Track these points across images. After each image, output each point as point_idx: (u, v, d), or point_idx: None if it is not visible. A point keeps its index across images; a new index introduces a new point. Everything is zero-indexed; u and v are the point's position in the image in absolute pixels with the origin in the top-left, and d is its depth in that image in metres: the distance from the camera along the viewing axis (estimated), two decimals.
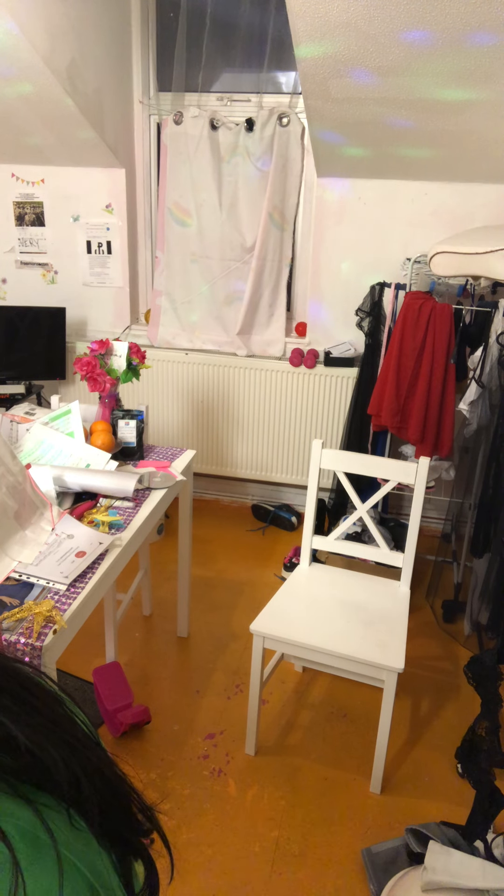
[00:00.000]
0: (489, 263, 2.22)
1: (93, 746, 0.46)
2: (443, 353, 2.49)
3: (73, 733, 0.45)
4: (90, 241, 3.31)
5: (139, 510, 1.83)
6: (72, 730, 0.45)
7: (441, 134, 2.46)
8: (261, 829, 1.78)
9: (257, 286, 3.18)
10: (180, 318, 3.35)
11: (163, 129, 3.11)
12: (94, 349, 2.09)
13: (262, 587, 2.87)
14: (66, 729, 0.45)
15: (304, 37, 2.05)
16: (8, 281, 3.49)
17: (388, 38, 1.99)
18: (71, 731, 0.45)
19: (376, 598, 2.04)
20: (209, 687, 2.27)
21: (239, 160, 3.04)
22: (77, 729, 0.46)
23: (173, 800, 1.85)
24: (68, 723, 0.46)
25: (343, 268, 3.07)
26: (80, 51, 2.59)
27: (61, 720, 0.45)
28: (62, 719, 0.45)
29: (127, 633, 2.54)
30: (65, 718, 0.46)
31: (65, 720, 0.46)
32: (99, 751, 0.47)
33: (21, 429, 2.03)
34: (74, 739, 0.44)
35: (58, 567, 1.49)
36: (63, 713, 0.46)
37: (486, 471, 2.39)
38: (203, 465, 3.46)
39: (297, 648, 1.83)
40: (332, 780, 1.94)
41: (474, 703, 2.22)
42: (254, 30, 2.92)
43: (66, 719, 0.46)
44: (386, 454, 2.96)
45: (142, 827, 0.48)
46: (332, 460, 2.10)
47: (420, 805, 1.88)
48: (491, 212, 2.81)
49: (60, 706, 0.47)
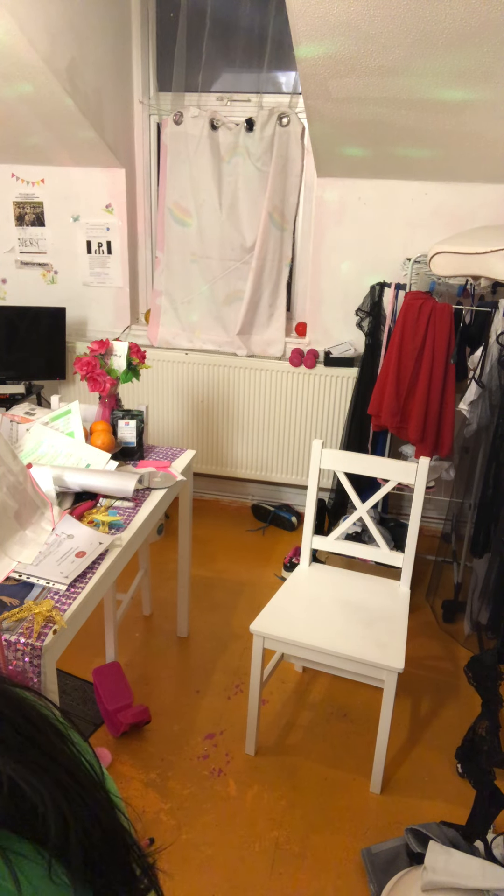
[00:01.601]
0: (489, 263, 2.22)
1: (93, 789, 0.42)
2: (443, 353, 2.49)
3: (73, 773, 0.41)
4: (90, 241, 3.31)
5: (139, 510, 1.83)
6: (71, 769, 0.41)
7: (441, 134, 2.46)
8: (261, 829, 1.78)
9: (257, 286, 3.18)
10: (180, 318, 3.35)
11: (163, 129, 3.11)
12: (94, 349, 2.09)
13: (262, 587, 2.87)
14: (65, 767, 0.41)
15: (304, 37, 2.05)
16: (8, 281, 3.49)
17: (388, 38, 1.99)
18: (70, 771, 0.41)
19: (376, 598, 2.04)
20: (209, 687, 2.27)
21: (239, 160, 3.04)
22: (79, 769, 0.42)
23: (173, 800, 1.85)
24: (69, 761, 0.42)
25: (343, 268, 3.07)
26: (80, 51, 2.59)
27: (61, 757, 0.41)
28: (62, 757, 0.42)
29: (127, 633, 2.54)
30: (65, 756, 0.42)
31: (65, 758, 0.42)
32: (100, 794, 0.43)
33: (21, 429, 2.03)
34: (71, 780, 0.40)
35: (58, 567, 1.49)
36: (64, 750, 0.42)
37: (486, 471, 2.39)
38: (203, 465, 3.46)
39: (297, 648, 1.83)
40: (332, 780, 1.94)
41: (474, 703, 2.22)
42: (254, 30, 2.92)
43: (66, 757, 0.42)
44: (386, 454, 2.96)
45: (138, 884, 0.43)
46: (332, 460, 2.10)
47: (420, 805, 1.87)
48: (491, 212, 2.81)
49: (63, 743, 0.43)
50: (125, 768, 1.94)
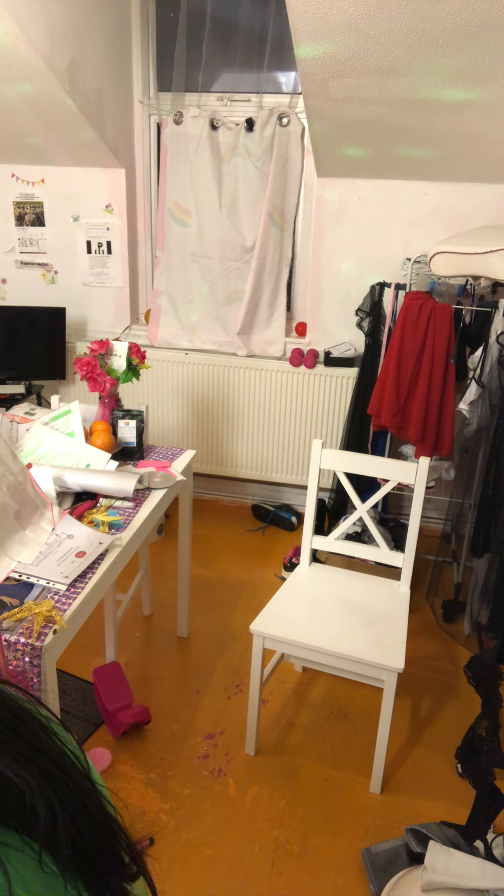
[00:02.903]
0: (489, 263, 2.22)
1: (80, 778, 0.43)
2: (443, 353, 2.49)
3: (58, 763, 0.42)
4: (90, 241, 3.31)
5: (139, 510, 1.83)
6: (56, 759, 0.42)
7: (441, 134, 2.46)
8: (261, 829, 1.78)
9: (257, 286, 3.18)
10: (180, 318, 3.35)
11: (163, 129, 3.11)
12: (94, 349, 2.09)
13: (262, 587, 2.87)
14: (51, 758, 0.41)
15: (304, 37, 2.05)
16: (8, 281, 3.49)
17: (388, 38, 1.99)
18: (55, 761, 0.42)
19: (376, 598, 2.04)
20: (209, 687, 2.27)
21: (239, 160, 3.04)
22: (64, 759, 0.43)
23: (173, 800, 1.85)
24: (54, 752, 0.43)
25: (343, 268, 3.07)
26: (80, 51, 2.59)
27: (46, 748, 0.42)
28: (47, 747, 0.42)
29: (127, 633, 2.54)
30: (49, 747, 0.43)
31: (49, 749, 0.43)
32: (86, 783, 0.44)
33: (21, 429, 2.03)
34: (58, 769, 0.41)
35: (58, 567, 1.49)
36: (49, 742, 0.43)
37: (486, 471, 2.39)
38: (203, 465, 3.46)
39: (297, 648, 1.83)
40: (332, 780, 1.94)
41: (474, 703, 2.22)
42: (254, 30, 2.92)
43: (51, 748, 0.43)
44: (386, 454, 2.96)
45: (127, 871, 0.44)
46: (332, 460, 2.10)
47: (420, 805, 1.87)
48: (491, 212, 2.81)
49: (48, 735, 0.44)
50: (125, 768, 1.94)
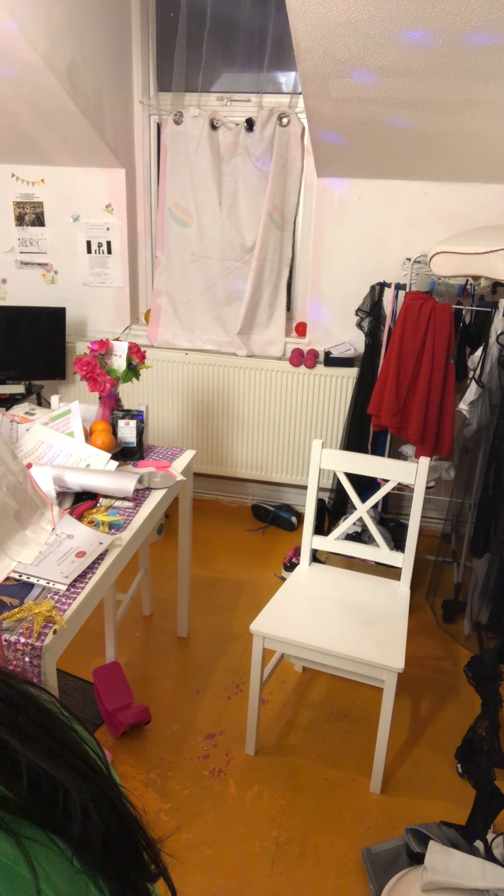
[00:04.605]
0: (489, 263, 2.22)
1: (104, 776, 0.44)
2: (443, 353, 2.49)
3: (86, 761, 0.42)
4: (90, 241, 3.31)
5: (139, 510, 1.83)
6: (84, 757, 0.43)
7: (441, 134, 2.46)
8: (261, 829, 1.78)
9: (257, 286, 3.18)
10: (180, 318, 3.35)
11: (163, 129, 3.11)
12: (94, 349, 2.09)
13: (262, 587, 2.87)
14: (80, 756, 0.42)
15: (304, 37, 2.05)
16: (8, 281, 3.49)
17: (388, 38, 1.99)
18: (83, 759, 0.42)
19: (376, 598, 2.04)
20: (209, 687, 2.27)
21: (239, 160, 3.04)
22: (88, 757, 0.43)
23: (173, 800, 1.85)
24: (81, 750, 0.43)
25: (343, 268, 3.07)
26: (80, 51, 2.59)
27: (75, 746, 0.43)
28: (75, 746, 0.43)
29: (127, 633, 2.54)
30: (78, 745, 0.43)
31: (78, 747, 0.43)
32: (111, 782, 0.44)
33: (21, 429, 2.03)
34: (87, 767, 0.42)
35: (58, 567, 1.49)
36: (76, 740, 0.44)
37: (486, 471, 2.39)
38: (203, 465, 3.46)
39: (297, 648, 1.83)
40: (332, 780, 1.94)
41: (474, 703, 2.22)
42: (254, 30, 2.92)
43: (79, 746, 0.43)
44: (386, 454, 2.96)
45: (148, 869, 0.44)
46: (332, 460, 2.10)
47: (420, 805, 1.87)
48: (491, 212, 2.81)
49: (74, 732, 0.44)
50: (125, 768, 1.94)
